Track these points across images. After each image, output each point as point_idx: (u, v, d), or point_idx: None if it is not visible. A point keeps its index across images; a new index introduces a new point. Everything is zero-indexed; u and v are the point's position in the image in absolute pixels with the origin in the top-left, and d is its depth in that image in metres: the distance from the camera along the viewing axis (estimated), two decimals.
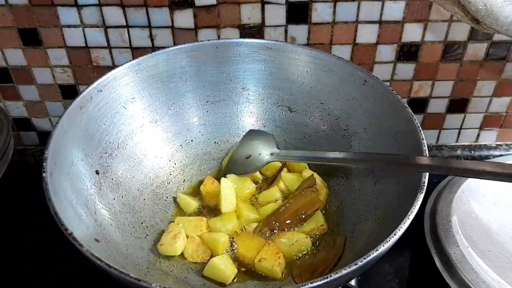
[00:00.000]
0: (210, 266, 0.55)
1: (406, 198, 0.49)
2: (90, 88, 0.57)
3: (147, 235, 0.59)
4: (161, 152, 0.66)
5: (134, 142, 0.63)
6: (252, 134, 0.70)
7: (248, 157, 0.67)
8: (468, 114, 0.84)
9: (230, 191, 0.63)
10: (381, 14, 0.72)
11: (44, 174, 0.47)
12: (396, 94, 0.58)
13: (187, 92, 0.67)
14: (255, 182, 0.67)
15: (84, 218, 0.50)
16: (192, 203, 0.64)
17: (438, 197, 0.69)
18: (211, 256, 0.57)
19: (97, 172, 0.57)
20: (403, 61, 0.77)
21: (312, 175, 0.64)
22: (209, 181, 0.65)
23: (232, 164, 0.68)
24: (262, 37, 0.74)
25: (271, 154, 0.66)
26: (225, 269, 0.55)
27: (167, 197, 0.65)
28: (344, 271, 0.41)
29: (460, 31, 0.74)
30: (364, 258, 0.42)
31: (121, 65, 0.61)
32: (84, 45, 0.74)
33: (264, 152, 0.67)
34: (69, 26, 0.72)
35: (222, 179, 0.64)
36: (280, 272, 0.55)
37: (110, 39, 0.74)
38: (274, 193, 0.64)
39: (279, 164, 0.67)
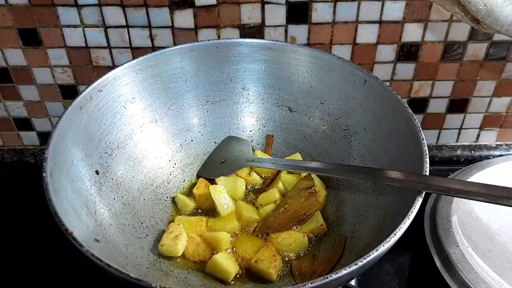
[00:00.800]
0: (212, 263, 0.55)
1: (406, 198, 0.49)
2: (90, 88, 0.57)
3: (147, 235, 0.59)
4: (161, 152, 0.66)
5: (134, 142, 0.63)
6: (230, 140, 0.70)
7: (224, 162, 0.67)
8: (468, 114, 0.84)
9: (223, 194, 0.62)
10: (381, 14, 0.72)
11: (44, 174, 0.47)
12: (396, 94, 0.58)
13: (187, 92, 0.67)
14: (253, 186, 0.67)
15: (84, 218, 0.50)
16: (189, 204, 0.64)
17: (438, 197, 0.69)
18: (212, 255, 0.57)
19: (97, 172, 0.57)
20: (403, 61, 0.77)
21: (310, 174, 0.64)
22: (201, 183, 0.65)
23: (207, 168, 0.68)
24: (262, 37, 0.74)
25: (247, 160, 0.66)
26: (227, 267, 0.55)
27: (167, 197, 0.65)
28: (344, 271, 0.41)
29: (460, 31, 0.74)
30: (364, 258, 0.42)
31: (121, 65, 0.61)
32: (84, 45, 0.74)
33: (239, 157, 0.67)
34: (69, 26, 0.72)
35: (211, 186, 0.63)
36: (276, 274, 0.55)
37: (110, 39, 0.74)
38: (274, 194, 0.64)
39: None
